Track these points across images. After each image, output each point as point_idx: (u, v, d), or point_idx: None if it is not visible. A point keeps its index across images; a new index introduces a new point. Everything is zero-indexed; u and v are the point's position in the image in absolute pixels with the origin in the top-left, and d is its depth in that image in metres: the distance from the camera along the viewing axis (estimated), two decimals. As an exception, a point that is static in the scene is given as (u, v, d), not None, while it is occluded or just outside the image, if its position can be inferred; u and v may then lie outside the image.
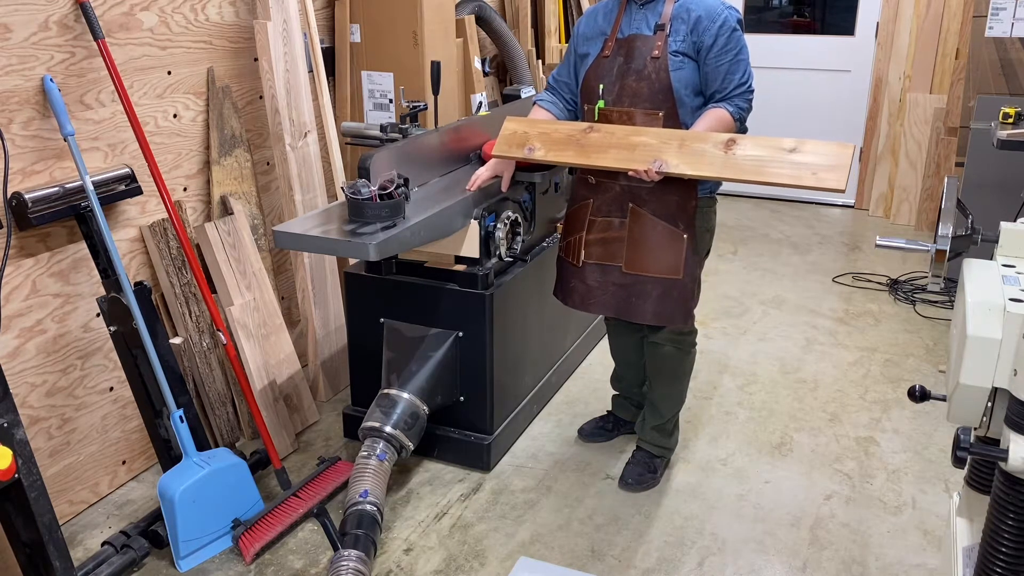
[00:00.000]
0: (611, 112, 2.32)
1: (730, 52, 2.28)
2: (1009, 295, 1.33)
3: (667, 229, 2.32)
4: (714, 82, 2.28)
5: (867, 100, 5.27)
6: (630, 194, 2.34)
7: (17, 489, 1.85)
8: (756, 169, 2.09)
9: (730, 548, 2.36)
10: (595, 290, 2.43)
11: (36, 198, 2.17)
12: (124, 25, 2.43)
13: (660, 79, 2.25)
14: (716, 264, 4.57)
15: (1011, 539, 1.29)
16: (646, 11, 2.32)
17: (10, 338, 2.24)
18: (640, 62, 2.27)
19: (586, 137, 2.26)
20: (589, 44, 2.40)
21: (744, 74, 2.32)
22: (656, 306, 2.36)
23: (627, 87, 2.29)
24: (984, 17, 4.11)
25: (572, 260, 2.46)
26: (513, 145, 2.34)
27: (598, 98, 2.33)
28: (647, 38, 2.28)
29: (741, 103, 2.33)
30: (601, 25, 2.39)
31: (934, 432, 2.93)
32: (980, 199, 3.75)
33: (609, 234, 2.38)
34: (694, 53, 2.26)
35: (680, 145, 2.16)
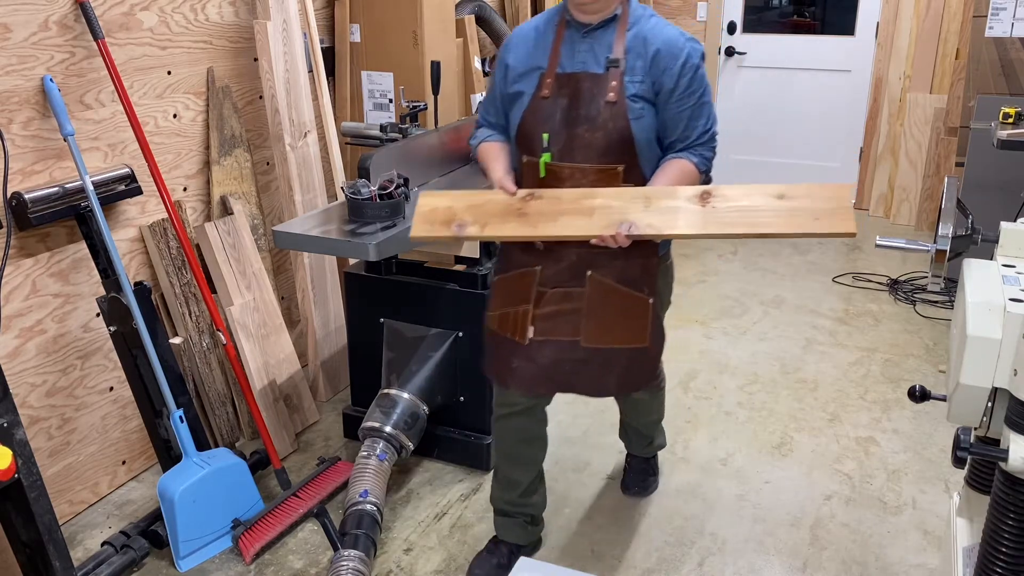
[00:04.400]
0: (560, 168, 1.90)
1: (694, 95, 1.91)
2: (1009, 295, 1.33)
3: (631, 296, 1.97)
4: (675, 129, 1.92)
5: (867, 100, 5.27)
6: (587, 260, 1.95)
7: (17, 489, 1.85)
8: (746, 221, 1.76)
9: (730, 548, 2.36)
10: (547, 369, 2.00)
11: (36, 198, 2.17)
12: (124, 25, 2.43)
13: (619, 129, 1.85)
14: (716, 264, 4.57)
15: (1011, 539, 1.29)
16: (592, 41, 1.90)
17: (10, 338, 2.24)
18: (592, 108, 1.86)
19: (527, 206, 1.85)
20: (521, 81, 1.96)
21: (708, 120, 1.95)
22: (621, 378, 2.04)
23: (578, 138, 1.88)
24: (984, 17, 4.11)
25: (514, 336, 2.01)
26: (436, 223, 1.88)
27: (541, 149, 1.90)
28: (597, 77, 1.87)
29: (706, 152, 1.96)
30: (535, 56, 1.95)
31: (934, 432, 2.93)
32: (980, 199, 3.74)
33: (564, 307, 1.98)
34: (653, 96, 1.89)
35: (646, 204, 1.81)
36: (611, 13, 1.89)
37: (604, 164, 1.89)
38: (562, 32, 1.93)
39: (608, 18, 1.89)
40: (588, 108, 1.87)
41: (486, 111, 2.13)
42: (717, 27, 5.51)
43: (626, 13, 1.90)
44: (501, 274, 2.07)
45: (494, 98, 2.08)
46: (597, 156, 1.88)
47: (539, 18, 2.01)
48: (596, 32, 1.91)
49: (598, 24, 1.89)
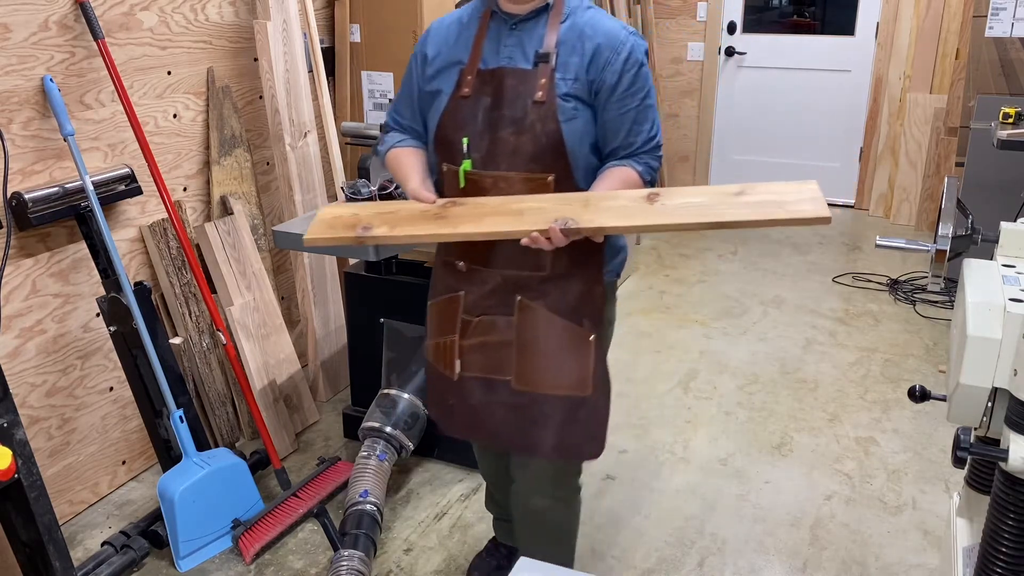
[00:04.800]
0: (482, 177, 1.65)
1: (637, 95, 1.65)
2: (1009, 295, 1.33)
3: (568, 328, 1.70)
4: (616, 135, 1.67)
5: (867, 100, 5.27)
6: (516, 284, 1.70)
7: (17, 489, 1.85)
8: (704, 212, 1.54)
9: (730, 548, 2.36)
10: (479, 412, 1.78)
11: (36, 198, 2.17)
12: (124, 25, 2.43)
13: (548, 132, 1.61)
14: (716, 264, 4.57)
15: (1011, 539, 1.28)
16: (520, 34, 1.67)
17: (10, 338, 2.24)
18: (518, 108, 1.62)
19: (446, 211, 1.62)
20: (440, 78, 1.72)
21: (653, 125, 1.70)
22: (559, 435, 1.74)
23: (502, 143, 1.63)
24: (984, 17, 4.11)
25: (445, 370, 1.80)
26: (338, 227, 1.63)
27: (461, 156, 1.65)
28: (525, 73, 1.63)
29: (651, 161, 1.70)
30: (455, 50, 1.71)
31: (934, 432, 2.93)
32: (980, 199, 3.74)
33: (491, 338, 1.73)
34: (590, 96, 1.64)
35: (585, 205, 1.57)
36: (542, 2, 1.66)
37: (532, 173, 1.63)
38: (487, 24, 1.69)
39: (539, 8, 1.66)
40: (513, 108, 1.62)
41: (398, 112, 1.85)
42: (717, 27, 5.51)
43: (560, 3, 1.67)
44: (432, 299, 1.86)
45: (409, 97, 1.81)
46: (524, 163, 1.62)
47: (463, 9, 1.77)
48: (526, 24, 1.67)
49: (528, 15, 1.66)
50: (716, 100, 5.66)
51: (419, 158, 1.78)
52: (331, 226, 1.63)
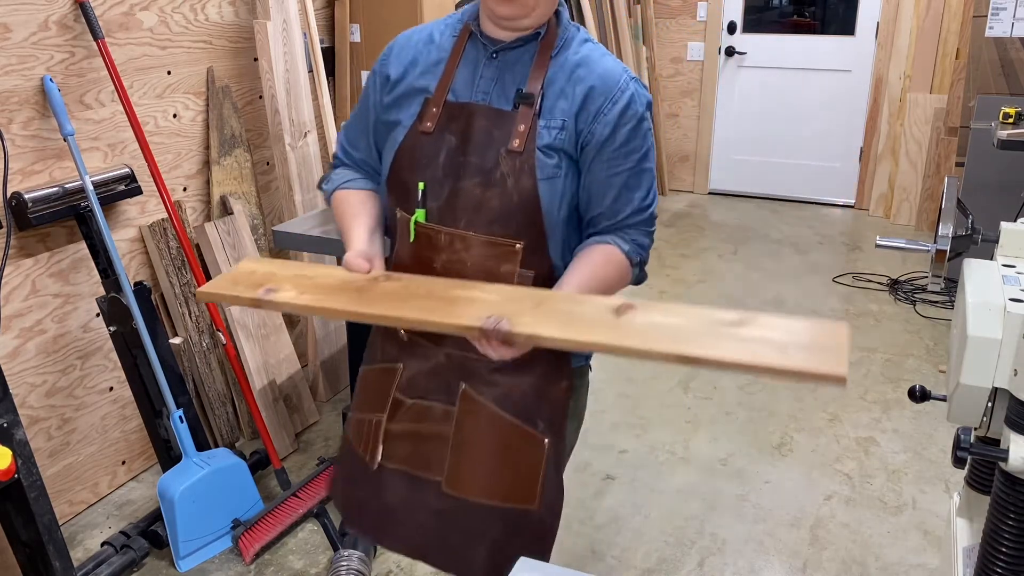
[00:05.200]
0: (436, 233, 1.35)
1: (632, 155, 1.36)
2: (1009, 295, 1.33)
3: (518, 431, 1.40)
4: (600, 200, 1.37)
5: (867, 100, 5.27)
6: (462, 367, 1.41)
7: (17, 489, 1.85)
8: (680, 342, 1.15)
9: (730, 548, 2.36)
10: (397, 512, 1.47)
11: (36, 198, 2.17)
12: (124, 25, 2.43)
13: (521, 189, 1.31)
14: (716, 264, 4.57)
15: (1011, 539, 1.28)
16: (501, 65, 1.37)
17: (10, 338, 2.24)
18: (488, 156, 1.33)
19: (372, 287, 1.30)
20: (400, 106, 1.41)
21: (648, 193, 1.40)
22: (492, 555, 1.42)
23: (465, 194, 1.33)
24: (984, 17, 4.11)
25: (364, 454, 1.48)
26: (241, 284, 1.33)
27: (415, 203, 1.36)
28: (501, 115, 1.33)
29: (641, 238, 1.40)
30: (421, 74, 1.40)
31: (934, 432, 2.93)
32: (980, 199, 3.74)
33: (424, 427, 1.44)
34: (576, 150, 1.34)
35: (538, 305, 1.23)
36: (533, 29, 1.35)
37: (496, 236, 1.32)
38: (463, 47, 1.39)
39: (528, 36, 1.36)
40: (482, 155, 1.33)
41: (350, 143, 1.54)
42: (717, 27, 5.51)
43: (553, 32, 1.36)
44: (366, 364, 1.57)
45: (364, 124, 1.50)
46: (488, 223, 1.32)
47: (436, 24, 1.47)
48: (509, 54, 1.36)
49: (513, 43, 1.36)
50: (716, 100, 5.66)
51: (368, 207, 1.46)
52: (236, 281, 1.34)
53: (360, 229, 1.42)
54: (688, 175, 5.90)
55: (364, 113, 1.50)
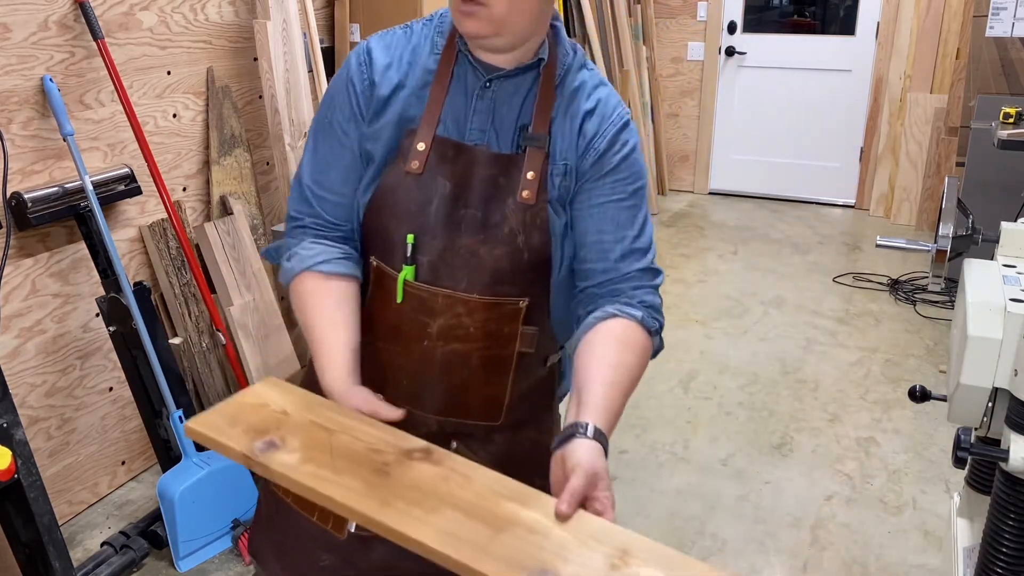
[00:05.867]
0: (432, 296, 1.15)
1: (622, 186, 1.16)
2: (1009, 295, 1.33)
3: None
4: (590, 241, 1.17)
5: (867, 100, 5.27)
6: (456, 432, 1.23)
7: (16, 489, 1.85)
8: None
9: (730, 548, 2.36)
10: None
11: (35, 198, 2.17)
12: (124, 25, 2.43)
13: (533, 247, 1.14)
14: (716, 264, 4.57)
15: (1012, 539, 1.28)
16: (495, 96, 1.16)
17: (10, 338, 2.24)
18: (494, 208, 1.14)
19: (405, 471, 0.98)
20: (379, 136, 1.18)
21: (643, 233, 1.19)
22: None
23: (465, 251, 1.14)
24: (984, 17, 4.11)
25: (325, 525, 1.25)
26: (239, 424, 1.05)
27: (402, 258, 1.15)
28: (507, 161, 1.14)
29: (650, 297, 1.17)
30: (407, 98, 1.17)
31: (935, 432, 2.93)
32: (981, 199, 3.74)
33: None
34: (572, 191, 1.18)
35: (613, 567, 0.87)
36: (533, 56, 1.16)
37: (501, 296, 1.15)
38: (451, 70, 1.16)
39: (530, 64, 1.16)
40: (486, 207, 1.14)
41: (320, 185, 1.22)
42: (717, 27, 5.51)
43: (554, 57, 1.18)
44: None
45: (339, 155, 1.21)
46: (493, 284, 1.14)
47: (414, 31, 1.22)
48: (505, 83, 1.16)
49: (512, 71, 1.16)
50: (716, 100, 5.66)
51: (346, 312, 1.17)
52: (235, 420, 1.07)
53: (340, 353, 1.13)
54: (688, 175, 5.90)
55: (335, 140, 1.20)
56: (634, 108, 5.11)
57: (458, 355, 1.17)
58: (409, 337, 1.17)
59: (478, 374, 1.18)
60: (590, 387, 1.06)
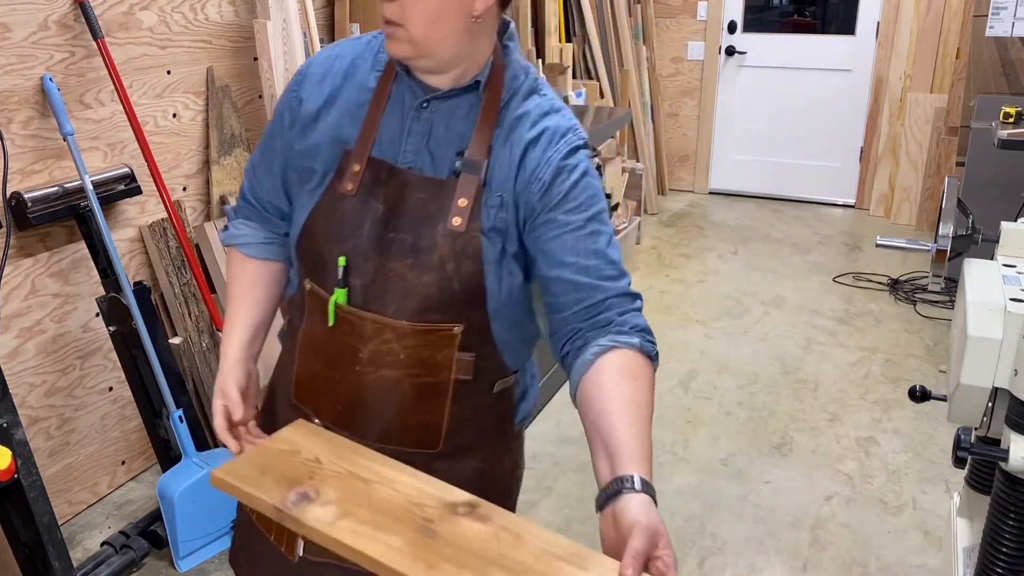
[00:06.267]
0: (362, 320, 1.13)
1: (583, 210, 1.10)
2: (1009, 295, 1.33)
3: None
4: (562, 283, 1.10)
5: (867, 100, 5.27)
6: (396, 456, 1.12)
7: (16, 489, 1.85)
8: None
9: (730, 548, 2.36)
10: None
11: (35, 198, 2.17)
12: (124, 25, 2.43)
13: (464, 276, 1.10)
14: (716, 264, 4.57)
15: (1012, 539, 1.28)
16: (432, 118, 1.13)
17: (9, 338, 2.24)
18: (424, 234, 1.11)
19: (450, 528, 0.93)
20: (314, 154, 1.17)
21: (610, 248, 1.12)
22: None
23: (395, 276, 1.12)
24: (985, 16, 4.11)
25: (279, 545, 1.27)
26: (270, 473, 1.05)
27: (334, 280, 1.14)
28: (439, 187, 1.11)
29: (638, 319, 1.13)
30: (341, 117, 1.16)
31: (935, 432, 2.93)
32: (981, 199, 3.74)
33: None
34: (519, 226, 1.12)
35: None
36: (471, 77, 1.12)
37: (432, 322, 1.11)
38: (388, 89, 1.14)
39: (467, 85, 1.12)
40: (416, 233, 1.11)
41: (257, 179, 1.27)
42: (717, 27, 5.51)
43: (500, 78, 1.12)
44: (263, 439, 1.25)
45: (270, 163, 1.24)
46: (422, 310, 1.11)
47: (355, 47, 1.19)
48: (443, 104, 1.12)
49: (449, 91, 1.12)
50: (716, 100, 5.66)
51: (258, 293, 1.28)
52: (264, 468, 1.04)
53: (239, 329, 1.27)
54: (688, 175, 5.90)
55: (270, 150, 1.24)
56: (634, 108, 5.11)
57: (389, 382, 1.14)
58: (342, 363, 1.16)
59: (411, 401, 1.15)
60: (616, 432, 1.00)
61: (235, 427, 1.23)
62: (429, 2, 1.03)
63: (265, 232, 1.28)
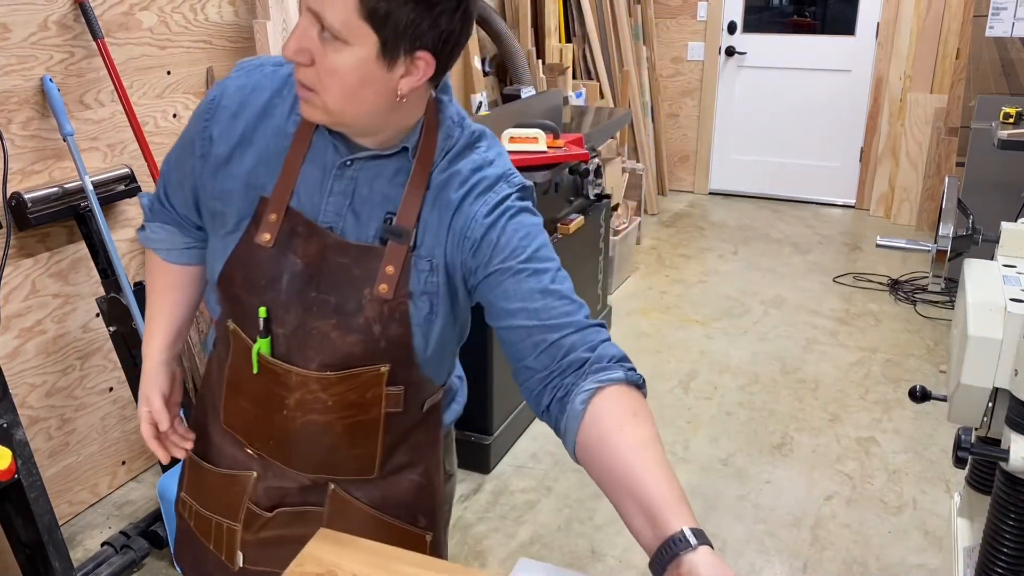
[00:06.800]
0: (287, 373, 1.10)
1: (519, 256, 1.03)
2: (1010, 295, 1.33)
3: (397, 530, 1.20)
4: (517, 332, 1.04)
5: (867, 100, 5.27)
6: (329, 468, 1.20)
7: (17, 490, 1.85)
8: None
9: (731, 548, 2.36)
10: None
11: (35, 198, 2.17)
12: (123, 25, 2.43)
13: (392, 337, 1.07)
14: (716, 264, 4.57)
15: (1012, 539, 1.28)
16: (357, 177, 1.06)
17: (10, 338, 2.24)
18: (349, 298, 1.06)
19: None
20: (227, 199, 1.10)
21: (567, 290, 1.05)
22: None
23: (319, 334, 1.08)
24: (984, 17, 4.11)
25: (219, 553, 1.27)
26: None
27: (256, 329, 1.10)
28: (364, 253, 1.06)
29: (612, 350, 1.03)
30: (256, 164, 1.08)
31: (935, 432, 2.93)
32: (981, 199, 3.74)
33: (292, 531, 1.21)
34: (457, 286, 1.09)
35: None
36: (398, 143, 1.05)
37: (358, 368, 1.08)
38: (309, 138, 1.07)
39: (393, 150, 1.06)
40: (340, 295, 1.06)
41: (170, 188, 1.20)
42: (717, 27, 5.51)
43: (432, 139, 1.06)
44: (198, 455, 1.27)
45: (181, 177, 1.17)
46: (347, 365, 1.08)
47: (276, 78, 1.10)
48: (369, 164, 1.06)
49: (373, 154, 1.06)
50: (716, 100, 5.67)
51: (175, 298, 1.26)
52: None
53: (160, 333, 1.25)
54: (688, 175, 5.90)
55: (181, 167, 1.17)
56: (634, 108, 5.11)
57: (318, 425, 1.12)
58: (269, 405, 1.13)
59: (343, 440, 1.14)
60: (642, 484, 0.93)
61: (162, 435, 1.24)
62: (347, 77, 0.94)
63: (183, 238, 1.24)
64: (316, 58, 0.94)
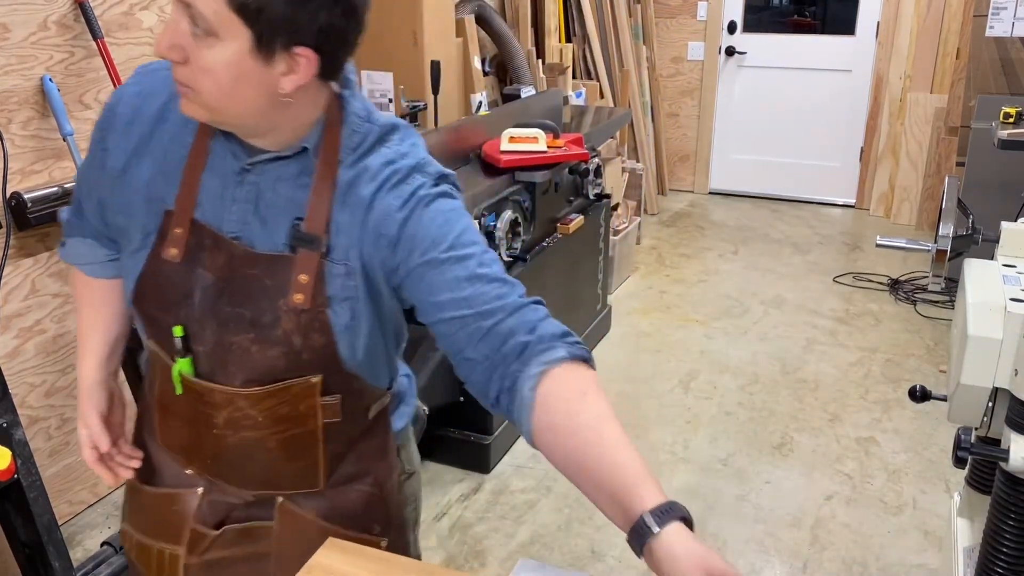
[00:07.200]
0: (211, 391, 1.05)
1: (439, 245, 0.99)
2: (1010, 295, 1.33)
3: (349, 539, 1.10)
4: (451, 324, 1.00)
5: (867, 100, 5.27)
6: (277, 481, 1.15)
7: (16, 489, 1.85)
8: None
9: (731, 548, 2.36)
10: None
11: (35, 198, 2.17)
12: (123, 25, 2.43)
13: (314, 346, 1.02)
14: (716, 264, 4.57)
15: (1012, 539, 1.28)
16: (259, 182, 1.02)
17: (9, 338, 2.24)
18: (264, 311, 1.01)
19: None
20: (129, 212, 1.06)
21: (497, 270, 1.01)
22: None
23: (238, 349, 1.03)
24: (985, 17, 4.11)
25: None
26: None
27: (175, 348, 1.05)
28: (274, 263, 1.01)
29: (557, 328, 0.99)
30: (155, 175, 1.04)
31: (935, 432, 2.93)
32: (981, 199, 3.73)
33: (244, 550, 1.16)
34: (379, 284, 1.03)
35: None
36: (296, 143, 1.00)
37: (286, 382, 1.04)
38: (206, 145, 1.02)
39: (293, 151, 1.01)
40: (256, 308, 1.01)
41: (84, 199, 1.16)
42: (717, 27, 5.51)
43: (335, 137, 1.01)
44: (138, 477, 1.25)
45: (89, 187, 1.13)
46: (272, 379, 1.03)
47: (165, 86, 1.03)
48: (269, 167, 1.01)
49: (272, 157, 1.01)
50: (716, 100, 5.66)
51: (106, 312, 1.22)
52: None
53: (94, 351, 1.21)
54: (688, 175, 5.90)
55: (88, 178, 1.13)
56: (634, 108, 5.11)
57: (252, 441, 1.08)
58: (199, 425, 1.09)
59: (279, 455, 1.09)
60: (600, 469, 0.90)
61: (104, 456, 1.21)
62: (221, 75, 0.90)
63: (103, 250, 1.19)
64: (189, 55, 0.90)
